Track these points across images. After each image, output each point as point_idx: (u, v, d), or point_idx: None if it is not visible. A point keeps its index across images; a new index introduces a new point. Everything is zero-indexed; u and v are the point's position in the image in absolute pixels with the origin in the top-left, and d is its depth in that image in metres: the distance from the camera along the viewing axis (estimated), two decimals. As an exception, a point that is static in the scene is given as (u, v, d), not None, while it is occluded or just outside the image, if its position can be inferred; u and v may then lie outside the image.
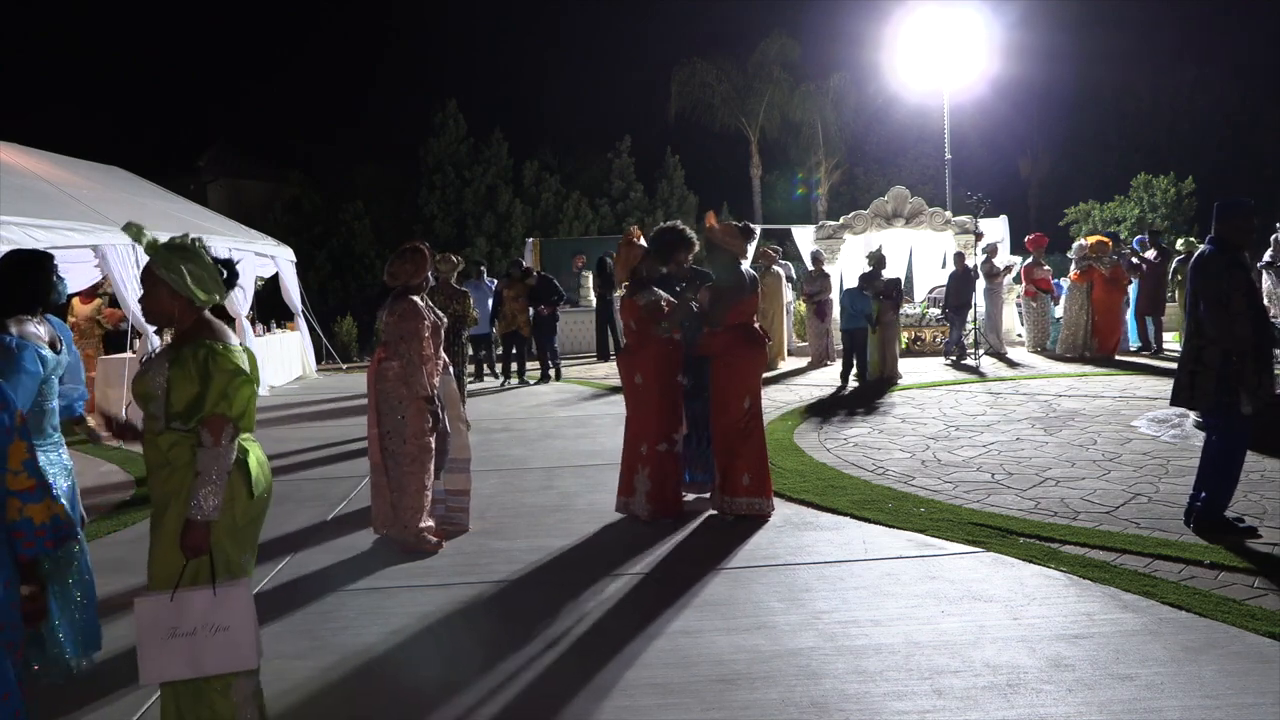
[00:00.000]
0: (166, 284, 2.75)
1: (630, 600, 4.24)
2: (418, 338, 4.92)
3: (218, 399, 2.64)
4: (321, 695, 3.41)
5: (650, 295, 5.41)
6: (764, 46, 29.19)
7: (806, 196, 31.14)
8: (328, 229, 26.04)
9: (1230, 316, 4.56)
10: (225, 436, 2.63)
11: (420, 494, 5.03)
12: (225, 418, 2.64)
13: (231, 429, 2.65)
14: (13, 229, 7.36)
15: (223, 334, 2.79)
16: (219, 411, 2.63)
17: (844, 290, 12.08)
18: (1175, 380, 4.94)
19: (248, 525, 2.82)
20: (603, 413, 9.55)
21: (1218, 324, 4.59)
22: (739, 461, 5.33)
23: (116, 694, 3.42)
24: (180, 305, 2.79)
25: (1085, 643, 3.53)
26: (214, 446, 2.62)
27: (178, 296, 2.77)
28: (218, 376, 2.65)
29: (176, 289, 2.75)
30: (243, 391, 2.68)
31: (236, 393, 2.67)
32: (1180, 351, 4.99)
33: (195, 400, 2.64)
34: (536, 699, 3.32)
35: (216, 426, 2.62)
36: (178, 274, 2.74)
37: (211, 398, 2.63)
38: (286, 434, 9.03)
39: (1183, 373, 4.86)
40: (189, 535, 2.62)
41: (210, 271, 2.82)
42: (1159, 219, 22.21)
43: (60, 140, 14.24)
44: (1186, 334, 4.92)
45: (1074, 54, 29.84)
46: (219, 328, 2.81)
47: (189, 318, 2.80)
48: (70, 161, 11.66)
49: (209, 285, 2.80)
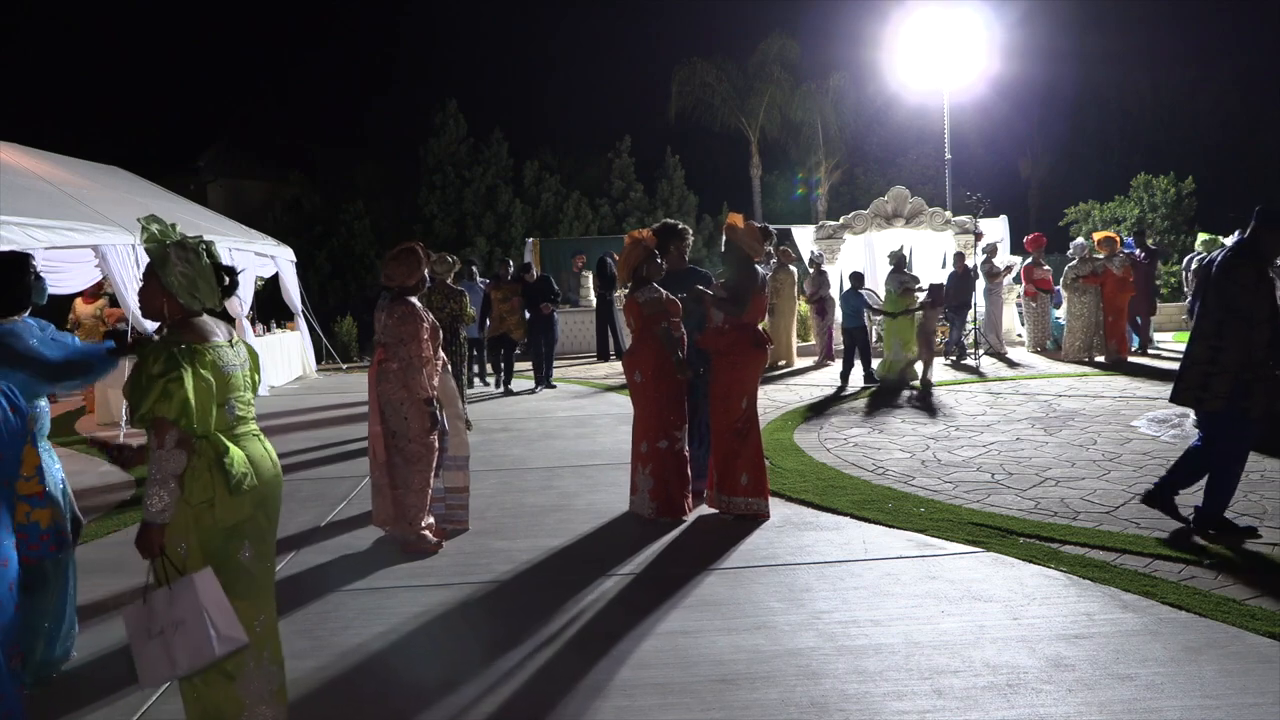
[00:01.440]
0: (160, 281, 2.78)
1: (630, 600, 4.24)
2: (416, 340, 4.92)
3: (156, 399, 2.61)
4: (321, 695, 3.41)
5: (652, 293, 5.41)
6: (764, 46, 29.16)
7: (806, 196, 31.12)
8: (328, 229, 26.03)
9: (1252, 325, 4.55)
10: (168, 440, 2.62)
11: (423, 492, 5.07)
12: (164, 420, 2.62)
13: (175, 432, 2.63)
14: (13, 229, 7.36)
15: (201, 334, 2.78)
16: (159, 414, 2.61)
17: (843, 290, 11.96)
18: (1181, 378, 4.87)
19: (241, 524, 2.79)
20: (602, 413, 9.56)
21: (1239, 331, 4.57)
22: (738, 461, 5.33)
23: (116, 694, 3.42)
24: (170, 304, 2.81)
25: (1085, 643, 3.53)
26: (157, 449, 2.62)
27: (168, 295, 2.79)
28: (157, 380, 2.62)
29: (167, 288, 2.78)
30: (173, 391, 2.62)
31: (174, 393, 2.62)
32: (1188, 349, 4.88)
33: (139, 402, 2.64)
34: (536, 698, 3.32)
35: (159, 429, 2.62)
36: (170, 274, 2.76)
37: (150, 399, 2.61)
38: (286, 434, 9.02)
39: (1193, 372, 4.79)
40: (139, 536, 2.64)
41: (206, 277, 2.82)
42: (1159, 219, 22.19)
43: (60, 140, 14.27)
44: (1199, 333, 4.83)
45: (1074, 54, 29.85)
46: (199, 328, 2.80)
47: (176, 316, 2.82)
48: (70, 161, 11.66)
49: (201, 291, 2.81)
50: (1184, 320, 16.82)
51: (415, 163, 28.02)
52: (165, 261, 2.77)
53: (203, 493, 2.69)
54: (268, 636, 2.91)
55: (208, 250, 2.87)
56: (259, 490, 2.84)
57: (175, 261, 2.77)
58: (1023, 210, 29.70)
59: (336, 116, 41.99)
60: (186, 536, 2.71)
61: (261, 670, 2.87)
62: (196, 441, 2.69)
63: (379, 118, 37.47)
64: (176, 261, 2.78)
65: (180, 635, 2.59)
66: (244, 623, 2.79)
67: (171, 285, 2.77)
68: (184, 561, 2.71)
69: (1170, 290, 18.51)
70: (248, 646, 2.79)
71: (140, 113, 41.32)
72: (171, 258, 2.78)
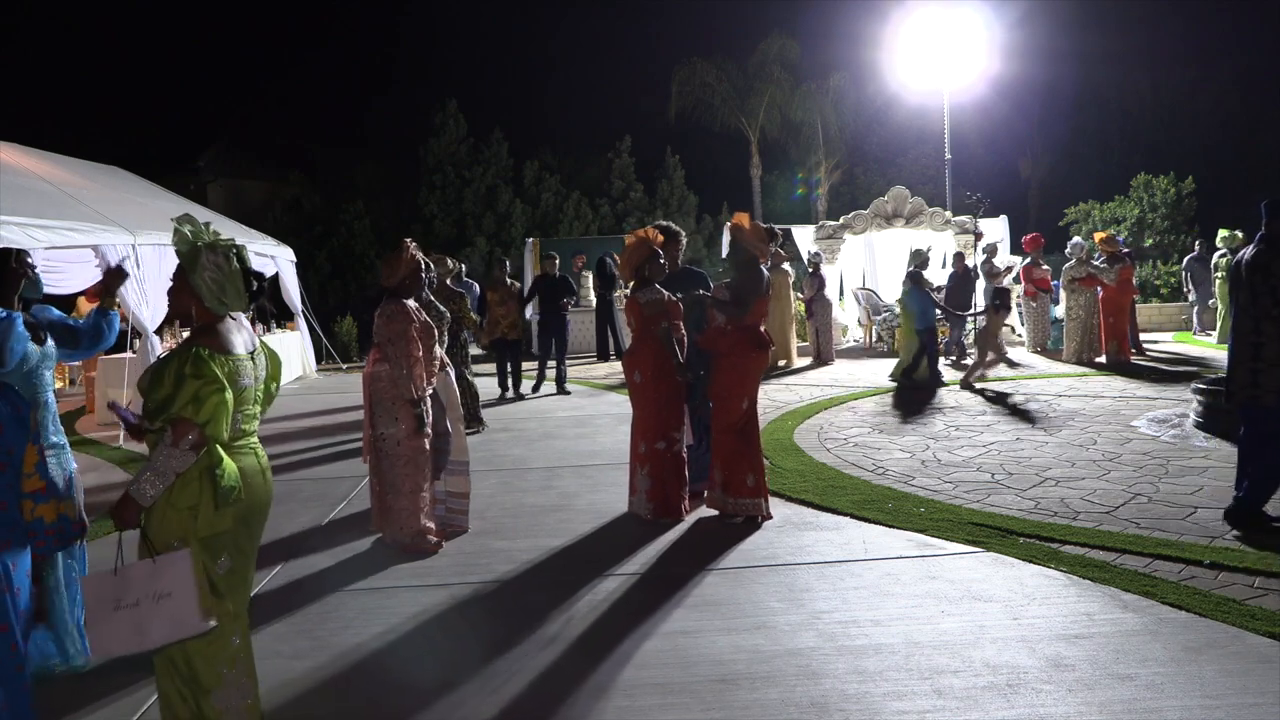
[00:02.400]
0: (188, 282, 2.79)
1: (630, 600, 4.24)
2: (404, 339, 4.90)
3: (185, 403, 2.63)
4: (321, 695, 3.41)
5: (653, 294, 5.41)
6: (764, 46, 29.16)
7: (806, 196, 31.12)
8: (328, 229, 26.02)
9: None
10: (185, 442, 2.63)
11: (415, 495, 5.01)
12: (190, 423, 2.63)
13: (195, 435, 2.64)
14: (13, 229, 7.36)
15: (224, 342, 2.79)
16: (185, 415, 2.63)
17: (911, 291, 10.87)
18: (1231, 379, 4.90)
19: (219, 536, 2.79)
20: (602, 413, 9.56)
21: (1276, 326, 4.65)
22: (742, 462, 5.32)
23: (117, 694, 3.42)
24: (197, 305, 2.82)
25: (1085, 643, 3.53)
26: (171, 446, 2.62)
27: (195, 297, 2.80)
28: (190, 384, 2.64)
29: (194, 290, 2.79)
30: (212, 399, 2.66)
31: (206, 399, 2.65)
32: (1231, 348, 4.91)
33: (165, 401, 2.64)
34: (536, 698, 3.32)
35: (180, 430, 2.63)
36: (199, 276, 2.78)
37: (180, 401, 2.63)
38: (287, 434, 9.03)
39: (1241, 371, 4.83)
40: (120, 507, 2.65)
41: (234, 281, 2.82)
42: (1159, 219, 22.17)
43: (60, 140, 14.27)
44: (1239, 332, 4.86)
45: (1074, 54, 29.83)
46: (223, 334, 2.81)
47: (201, 319, 2.83)
48: (70, 161, 11.66)
49: (228, 295, 2.81)
50: (1184, 320, 16.82)
51: (415, 163, 28.02)
52: (195, 263, 2.78)
53: (188, 499, 2.70)
54: (243, 649, 2.91)
55: (238, 254, 2.86)
56: (243, 505, 2.83)
57: (205, 264, 2.78)
58: (1023, 210, 29.69)
59: (336, 116, 42.03)
60: (181, 537, 2.71)
61: (237, 685, 2.86)
62: None
63: (379, 118, 37.49)
64: (206, 264, 2.78)
65: (163, 607, 2.59)
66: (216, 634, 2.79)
67: (199, 288, 2.78)
68: None
69: (1170, 290, 18.49)
70: (224, 659, 2.81)
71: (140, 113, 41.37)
72: (201, 259, 2.78)
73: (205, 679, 2.78)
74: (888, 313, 14.92)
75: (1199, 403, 7.56)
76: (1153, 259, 20.28)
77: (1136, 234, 21.67)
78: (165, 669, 2.79)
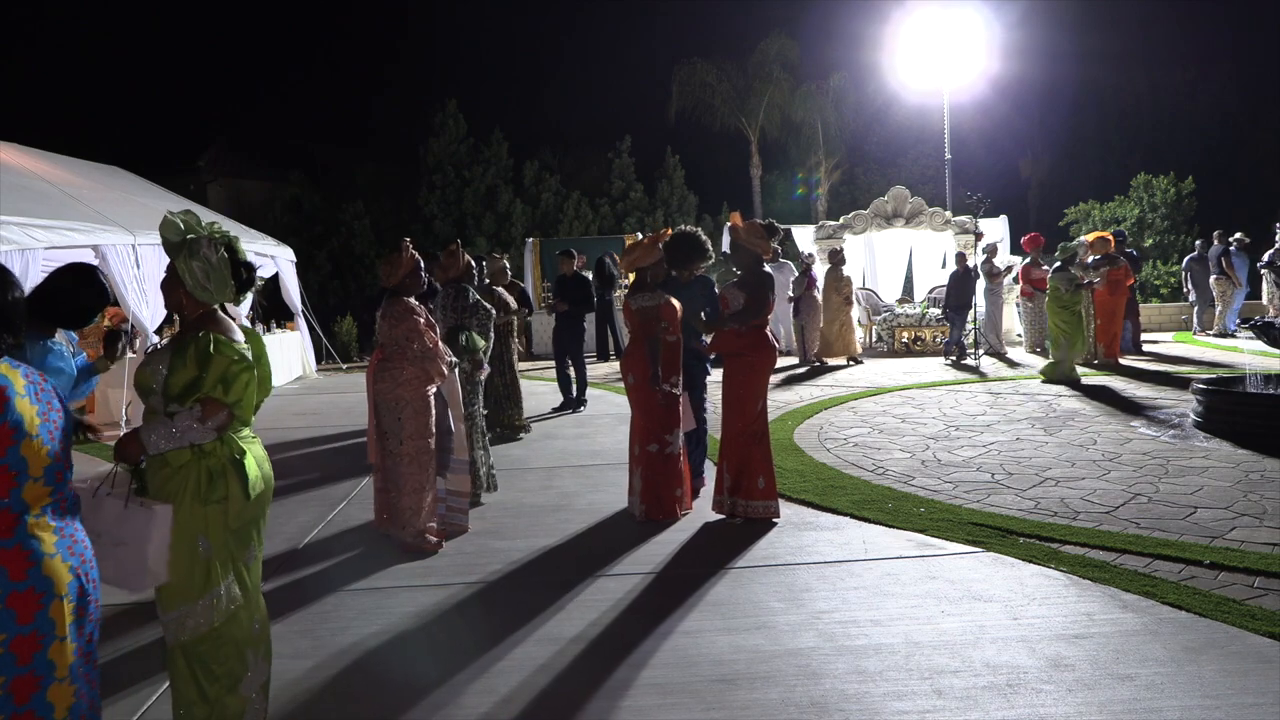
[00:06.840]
0: (179, 275, 2.80)
1: (630, 600, 4.23)
2: (417, 333, 4.94)
3: (215, 382, 2.65)
4: (321, 695, 3.41)
5: (649, 299, 5.37)
6: (764, 46, 29.16)
7: (806, 196, 31.11)
8: (328, 229, 26.02)
9: None
10: (215, 421, 2.66)
11: (419, 494, 5.03)
12: (221, 403, 2.66)
13: (225, 415, 2.67)
14: (13, 229, 7.36)
15: (227, 328, 2.81)
16: (215, 396, 2.66)
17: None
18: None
19: (246, 525, 2.82)
20: (602, 413, 9.55)
21: None
22: (754, 465, 5.30)
23: (117, 694, 3.42)
24: (188, 298, 2.82)
25: (1085, 643, 3.53)
26: (200, 423, 2.64)
27: (185, 289, 2.81)
28: (217, 360, 2.67)
29: (184, 282, 2.80)
30: (241, 378, 2.70)
31: (235, 378, 2.68)
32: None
33: (192, 383, 2.65)
34: (536, 698, 3.31)
35: (211, 409, 2.65)
36: (187, 269, 2.78)
37: (209, 381, 2.65)
38: (287, 434, 9.02)
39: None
40: (125, 442, 2.66)
41: (220, 271, 2.82)
42: (1159, 219, 22.18)
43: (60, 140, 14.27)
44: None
45: (1074, 54, 29.86)
46: (224, 322, 2.83)
47: (194, 311, 2.83)
48: (70, 161, 11.66)
49: (213, 283, 2.81)
50: (1184, 320, 16.82)
51: (415, 163, 28.01)
52: (179, 253, 2.79)
53: (218, 492, 2.70)
54: (264, 633, 2.94)
55: (228, 245, 2.86)
56: (265, 494, 2.86)
57: (189, 255, 2.78)
58: (1023, 210, 29.71)
59: (336, 117, 42.01)
60: (206, 532, 2.71)
61: (259, 667, 2.90)
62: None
63: (379, 118, 37.54)
64: (190, 255, 2.78)
65: (117, 554, 2.57)
66: (243, 623, 2.80)
67: (184, 276, 2.79)
68: (207, 560, 2.71)
69: (1170, 290, 18.49)
70: (250, 643, 2.82)
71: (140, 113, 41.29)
72: (185, 250, 2.78)
73: (237, 669, 2.79)
74: (888, 313, 14.92)
75: (1199, 403, 7.56)
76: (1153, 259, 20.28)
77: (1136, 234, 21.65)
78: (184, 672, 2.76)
